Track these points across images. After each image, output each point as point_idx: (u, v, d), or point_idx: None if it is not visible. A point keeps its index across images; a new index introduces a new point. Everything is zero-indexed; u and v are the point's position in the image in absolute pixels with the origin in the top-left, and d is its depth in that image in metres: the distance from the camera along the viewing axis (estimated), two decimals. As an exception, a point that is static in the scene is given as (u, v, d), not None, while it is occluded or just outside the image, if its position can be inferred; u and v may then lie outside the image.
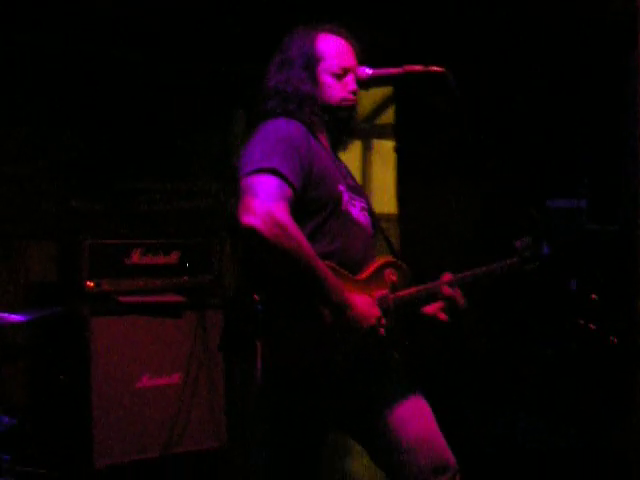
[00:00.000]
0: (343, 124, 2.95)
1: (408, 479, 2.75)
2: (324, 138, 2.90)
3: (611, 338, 3.56)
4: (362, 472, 4.78)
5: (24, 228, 5.06)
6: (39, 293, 4.95)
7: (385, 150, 8.18)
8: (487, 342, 5.05)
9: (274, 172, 2.54)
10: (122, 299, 4.78)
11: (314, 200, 2.71)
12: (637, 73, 3.45)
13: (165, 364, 4.87)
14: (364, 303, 2.66)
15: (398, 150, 6.13)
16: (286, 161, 2.59)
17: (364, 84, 2.93)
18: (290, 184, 2.57)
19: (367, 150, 9.58)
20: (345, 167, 3.01)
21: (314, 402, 2.69)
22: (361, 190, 3.00)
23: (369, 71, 2.91)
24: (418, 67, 2.88)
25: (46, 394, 4.72)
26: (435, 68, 2.86)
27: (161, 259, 5.00)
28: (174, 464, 4.81)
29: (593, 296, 3.61)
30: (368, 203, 2.98)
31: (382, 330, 2.67)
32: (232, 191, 5.22)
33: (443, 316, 2.93)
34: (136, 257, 4.91)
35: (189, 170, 5.70)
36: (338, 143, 3.01)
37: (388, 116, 7.57)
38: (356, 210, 2.86)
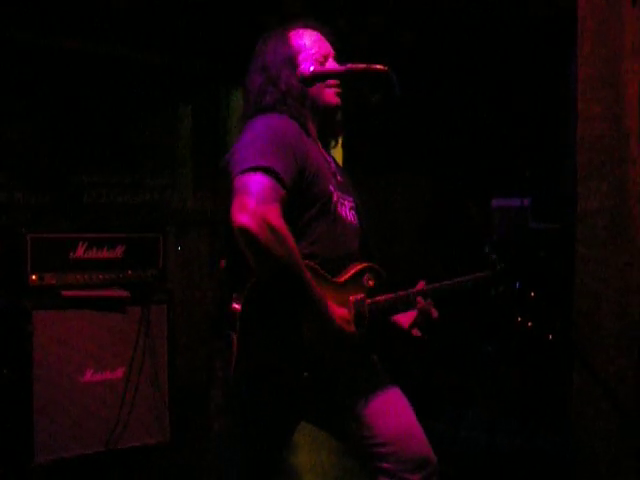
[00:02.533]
0: (335, 115, 2.97)
1: (386, 473, 2.76)
2: (314, 132, 2.89)
3: (547, 335, 3.61)
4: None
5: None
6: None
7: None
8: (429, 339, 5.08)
9: (269, 172, 2.51)
10: (66, 293, 4.74)
11: (304, 199, 2.69)
12: (575, 75, 3.50)
13: (109, 359, 4.85)
14: (341, 317, 2.66)
15: (343, 143, 6.14)
16: (281, 160, 2.57)
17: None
18: (284, 185, 2.54)
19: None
20: (334, 162, 3.00)
21: (288, 400, 2.69)
22: (350, 186, 3.00)
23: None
24: (361, 65, 2.86)
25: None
26: (378, 66, 2.84)
27: (106, 253, 4.97)
28: (117, 459, 4.79)
29: (532, 294, 3.66)
30: (356, 201, 2.97)
31: (354, 330, 2.70)
32: (178, 185, 5.23)
33: (416, 332, 2.96)
34: (80, 251, 4.87)
35: (135, 164, 5.67)
36: (329, 137, 3.02)
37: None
38: (345, 209, 2.86)
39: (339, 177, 2.93)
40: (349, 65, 2.89)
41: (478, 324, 4.79)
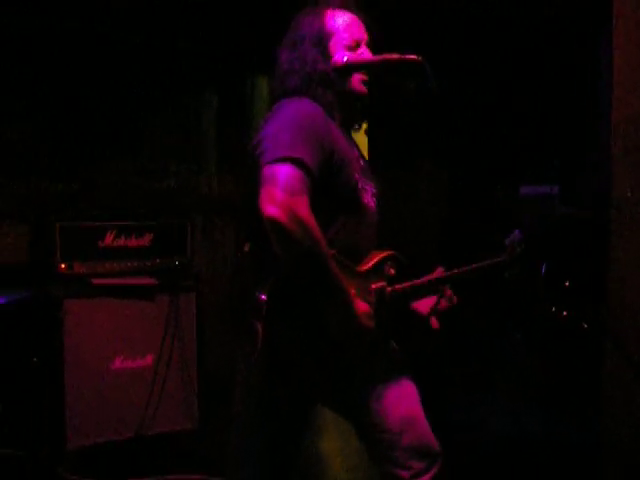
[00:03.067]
0: (360, 102, 2.95)
1: (392, 459, 2.79)
2: (339, 118, 2.87)
3: (582, 324, 3.61)
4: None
5: (-4, 210, 5.02)
6: (11, 275, 4.91)
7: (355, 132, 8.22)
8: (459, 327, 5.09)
9: (298, 163, 2.52)
10: (95, 281, 4.77)
11: (331, 188, 2.69)
12: (608, 61, 3.47)
13: (138, 346, 4.88)
14: (363, 312, 2.67)
15: (368, 133, 6.12)
16: (309, 150, 2.57)
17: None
18: (311, 175, 2.55)
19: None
20: (357, 147, 2.99)
21: (308, 390, 2.71)
22: (370, 171, 2.99)
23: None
24: (395, 55, 2.85)
25: (19, 376, 4.70)
26: (412, 56, 2.83)
27: (134, 241, 4.99)
28: (146, 446, 4.82)
29: (566, 283, 3.65)
30: (376, 186, 2.97)
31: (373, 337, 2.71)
32: (205, 171, 5.20)
33: (435, 323, 2.98)
34: (109, 239, 4.90)
35: (161, 150, 5.68)
36: (353, 123, 3.02)
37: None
38: (368, 196, 2.86)
39: (362, 162, 2.93)
40: (383, 55, 2.88)
41: (506, 311, 4.79)
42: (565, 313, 3.62)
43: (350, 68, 2.89)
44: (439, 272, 2.96)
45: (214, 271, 5.83)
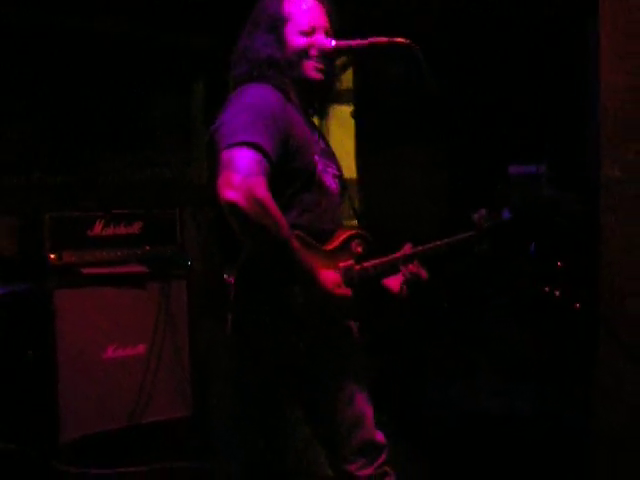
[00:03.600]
0: (316, 89, 2.94)
1: (341, 456, 2.86)
2: (298, 101, 2.88)
3: (575, 305, 3.63)
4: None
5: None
6: (1, 268, 4.90)
7: (343, 115, 8.18)
8: (448, 307, 5.11)
9: (254, 146, 2.53)
10: (85, 271, 4.76)
11: (290, 171, 2.71)
12: (597, 38, 3.48)
13: (130, 335, 4.88)
14: (329, 274, 2.70)
15: (356, 115, 6.12)
16: (266, 134, 2.58)
17: (328, 55, 2.90)
18: (269, 158, 2.56)
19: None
20: (318, 130, 2.99)
21: (275, 370, 2.72)
22: (332, 153, 3.01)
23: (333, 42, 2.88)
24: (383, 39, 2.84)
25: (12, 369, 4.70)
26: (400, 40, 2.83)
27: (123, 230, 4.98)
28: (141, 434, 4.83)
29: (559, 264, 3.67)
30: (339, 168, 2.99)
31: (348, 293, 2.72)
32: (193, 161, 5.21)
33: (405, 292, 2.99)
34: (98, 228, 4.88)
35: (150, 140, 5.66)
36: (313, 105, 3.02)
37: (346, 81, 7.56)
38: (329, 178, 2.87)
39: (322, 144, 2.94)
40: (371, 39, 2.87)
41: (497, 292, 4.82)
42: (558, 293, 3.64)
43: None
44: (407, 249, 2.98)
45: (205, 259, 5.82)
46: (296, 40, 2.84)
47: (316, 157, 2.81)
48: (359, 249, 2.88)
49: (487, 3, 4.85)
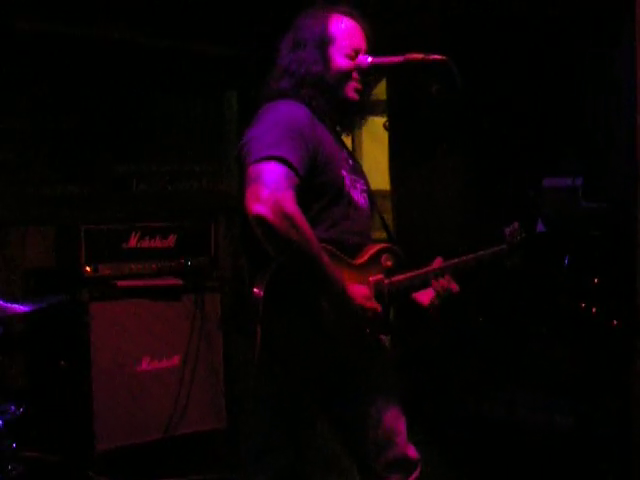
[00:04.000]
0: (351, 108, 2.95)
1: (373, 471, 2.84)
2: (329, 119, 2.89)
3: (612, 322, 3.60)
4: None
5: (21, 215, 5.03)
6: (37, 280, 4.95)
7: (376, 127, 8.16)
8: (484, 321, 5.09)
9: (283, 161, 2.54)
10: (120, 283, 4.80)
11: (318, 186, 2.72)
12: (635, 53, 3.46)
13: (164, 347, 4.90)
14: (360, 289, 2.69)
15: (389, 127, 6.11)
16: (294, 149, 2.59)
17: (364, 72, 2.92)
18: (297, 173, 2.57)
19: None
20: (347, 148, 3.01)
21: (307, 383, 2.72)
22: (361, 170, 3.02)
23: (369, 59, 2.89)
24: (419, 55, 2.85)
25: (47, 380, 4.74)
26: (436, 56, 2.84)
27: (158, 242, 5.01)
28: (175, 446, 4.84)
29: (595, 280, 3.64)
30: (367, 184, 3.00)
31: (379, 308, 2.71)
32: (226, 172, 5.21)
33: (436, 306, 2.97)
34: (133, 241, 4.92)
35: (183, 151, 5.68)
36: (347, 123, 3.02)
37: (380, 92, 7.56)
38: (357, 193, 2.88)
39: (351, 161, 2.94)
40: (407, 55, 2.88)
41: (533, 306, 4.79)
42: (594, 310, 3.61)
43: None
44: (438, 262, 2.96)
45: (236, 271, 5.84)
46: (341, 62, 2.86)
47: (344, 172, 2.82)
48: (389, 263, 2.87)
49: (519, 17, 4.85)
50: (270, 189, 2.47)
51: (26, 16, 4.88)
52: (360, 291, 2.69)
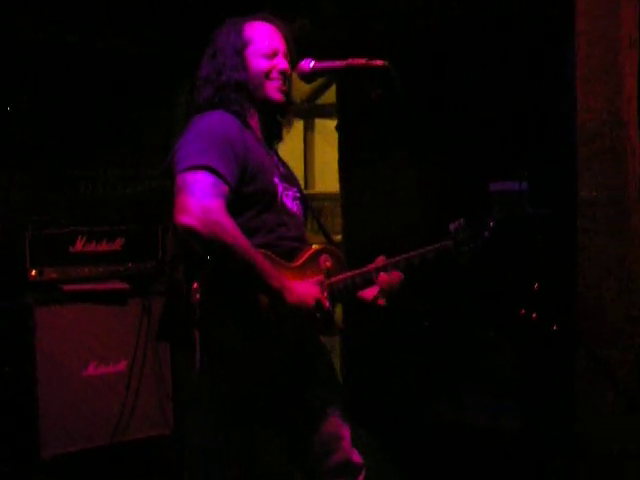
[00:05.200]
0: (276, 109, 2.97)
1: (318, 476, 2.87)
2: (257, 126, 2.91)
3: (552, 326, 3.64)
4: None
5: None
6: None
7: (327, 129, 8.17)
8: (429, 324, 5.12)
9: (210, 169, 2.56)
10: (66, 288, 4.75)
11: (250, 195, 2.73)
12: (574, 56, 3.51)
13: (111, 352, 4.86)
14: (303, 286, 2.70)
15: (340, 129, 6.13)
16: (221, 158, 2.61)
17: (306, 77, 2.93)
18: (226, 181, 2.58)
19: (309, 129, 9.59)
20: (277, 156, 3.03)
21: (252, 388, 2.71)
22: (293, 177, 3.05)
23: (311, 64, 2.90)
24: (361, 61, 2.86)
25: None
26: (378, 62, 2.85)
27: (105, 246, 4.97)
28: (121, 452, 4.81)
29: (536, 286, 3.68)
30: (300, 190, 3.03)
31: (326, 304, 2.71)
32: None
33: (381, 301, 2.97)
34: (79, 245, 4.88)
35: (131, 156, 5.65)
36: (274, 126, 3.03)
37: (329, 96, 7.57)
38: (289, 200, 2.90)
39: (282, 169, 2.97)
40: (349, 60, 2.89)
41: (479, 309, 4.82)
42: (534, 315, 3.65)
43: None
44: (379, 261, 2.97)
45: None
46: (259, 63, 2.89)
47: (276, 179, 2.84)
48: (328, 264, 2.88)
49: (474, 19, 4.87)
50: (196, 198, 2.48)
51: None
52: (300, 284, 2.70)
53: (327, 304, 2.73)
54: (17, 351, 4.59)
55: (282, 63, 2.91)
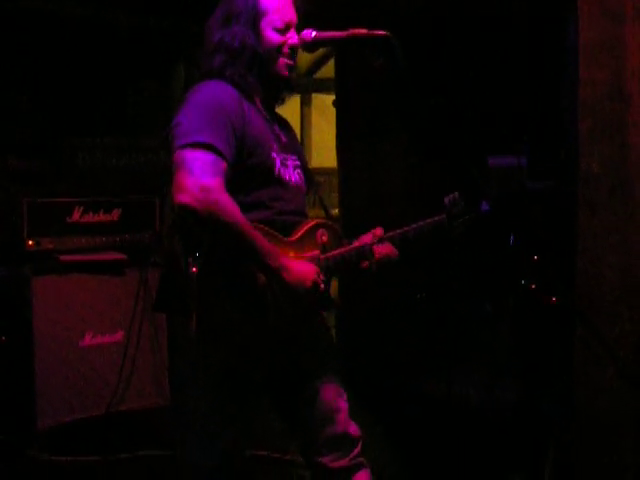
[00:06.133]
0: (281, 85, 2.94)
1: (314, 448, 2.88)
2: (259, 96, 2.87)
3: (552, 298, 3.64)
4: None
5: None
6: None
7: (324, 104, 8.15)
8: (426, 297, 5.12)
9: (209, 147, 2.53)
10: (63, 258, 4.75)
11: (247, 169, 2.70)
12: (576, 33, 3.48)
13: (108, 322, 4.87)
14: (300, 264, 2.69)
15: (337, 104, 6.11)
16: (220, 134, 2.58)
17: (308, 47, 2.90)
18: (224, 158, 2.56)
19: (306, 104, 9.57)
20: (277, 125, 2.97)
21: (247, 361, 2.71)
22: (295, 146, 3.02)
23: (313, 34, 2.87)
24: (362, 31, 2.84)
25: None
26: (379, 32, 2.83)
27: (102, 217, 4.96)
28: (117, 422, 4.82)
29: (535, 257, 3.68)
30: (301, 159, 3.00)
31: (322, 285, 2.71)
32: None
33: (374, 268, 2.96)
34: (77, 215, 4.87)
35: (129, 126, 5.63)
36: (276, 98, 2.99)
37: (328, 70, 7.54)
38: (289, 171, 2.87)
39: (283, 138, 2.93)
40: (351, 31, 2.87)
41: (476, 282, 4.82)
42: (533, 286, 3.65)
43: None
44: (377, 231, 2.97)
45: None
46: (272, 36, 2.84)
47: (274, 154, 2.80)
48: (324, 238, 2.87)
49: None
50: (195, 176, 2.46)
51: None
52: (297, 262, 2.69)
53: (322, 286, 2.72)
54: (14, 321, 4.59)
55: (293, 38, 2.86)
